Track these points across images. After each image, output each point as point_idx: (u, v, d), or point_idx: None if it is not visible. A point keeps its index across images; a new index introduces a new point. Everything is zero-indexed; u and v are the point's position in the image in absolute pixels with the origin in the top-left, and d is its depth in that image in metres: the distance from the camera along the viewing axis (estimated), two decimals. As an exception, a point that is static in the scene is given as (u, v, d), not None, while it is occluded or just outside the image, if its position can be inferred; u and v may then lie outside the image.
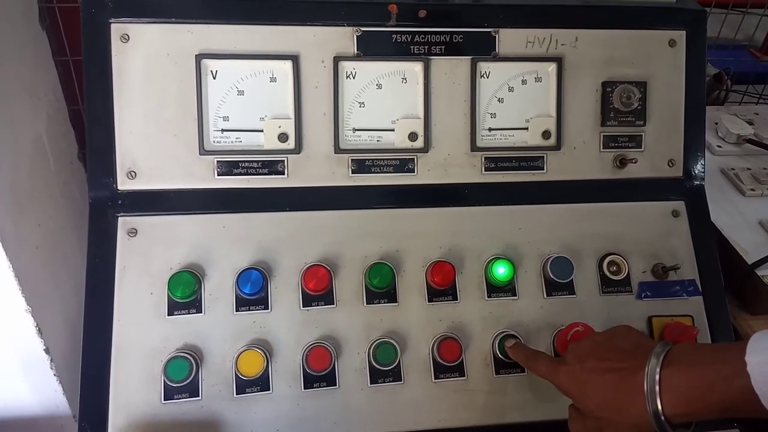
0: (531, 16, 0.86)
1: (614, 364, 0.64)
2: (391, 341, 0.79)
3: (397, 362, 0.79)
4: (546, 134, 0.88)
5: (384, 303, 0.81)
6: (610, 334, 0.70)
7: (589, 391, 0.65)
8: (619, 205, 0.89)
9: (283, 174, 0.83)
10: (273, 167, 0.83)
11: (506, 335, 0.81)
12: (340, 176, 0.84)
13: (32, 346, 0.79)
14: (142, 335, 0.77)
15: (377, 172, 0.85)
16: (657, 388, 0.58)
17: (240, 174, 0.82)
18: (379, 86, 0.84)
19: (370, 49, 0.83)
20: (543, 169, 0.88)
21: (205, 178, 0.81)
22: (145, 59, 0.79)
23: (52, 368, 0.82)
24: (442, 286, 0.82)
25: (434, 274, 0.81)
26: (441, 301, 0.82)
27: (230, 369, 0.77)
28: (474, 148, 0.86)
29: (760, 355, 0.53)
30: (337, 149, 0.84)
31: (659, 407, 0.58)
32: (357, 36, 0.83)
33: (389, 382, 0.79)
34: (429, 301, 0.82)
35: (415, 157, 0.85)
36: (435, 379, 0.80)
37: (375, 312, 0.81)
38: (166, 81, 0.80)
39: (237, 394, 0.77)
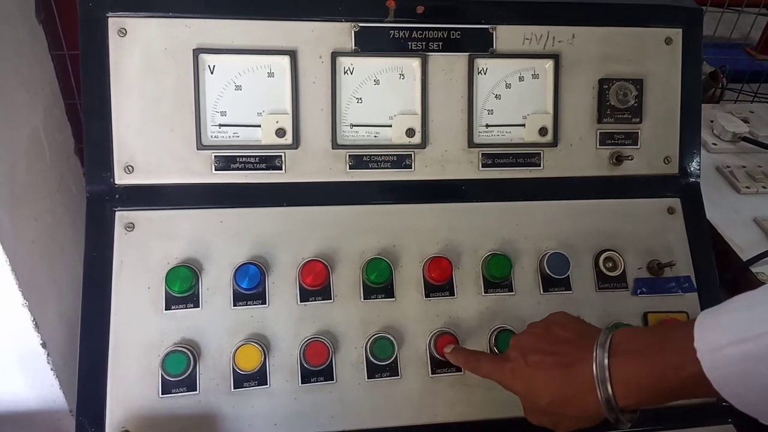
0: (528, 12, 0.87)
1: (560, 358, 0.62)
2: (389, 336, 0.79)
3: (394, 357, 0.79)
4: (543, 131, 0.88)
5: (381, 298, 0.82)
6: (549, 323, 0.68)
7: (538, 389, 0.63)
8: (615, 201, 0.90)
9: (281, 169, 0.83)
10: (270, 162, 0.83)
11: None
12: (338, 172, 0.84)
13: (29, 341, 0.79)
14: (140, 330, 0.77)
15: (374, 168, 0.85)
16: (608, 379, 0.57)
17: (237, 169, 0.82)
18: (377, 82, 0.84)
19: (368, 44, 0.83)
20: (540, 165, 0.88)
21: (202, 172, 0.81)
22: (142, 53, 0.79)
23: (48, 363, 0.81)
24: (439, 282, 0.82)
25: (431, 269, 0.82)
26: (438, 296, 0.83)
27: (228, 363, 0.77)
28: (471, 144, 0.86)
29: (709, 341, 0.52)
30: (335, 145, 0.84)
31: (612, 398, 0.57)
32: (355, 31, 0.83)
33: (386, 376, 0.80)
34: (426, 297, 0.83)
35: (412, 153, 0.86)
36: (432, 374, 0.81)
37: (372, 307, 0.81)
38: (164, 75, 0.80)
39: (234, 388, 0.77)
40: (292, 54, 0.82)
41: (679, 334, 0.55)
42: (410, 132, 0.85)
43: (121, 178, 0.80)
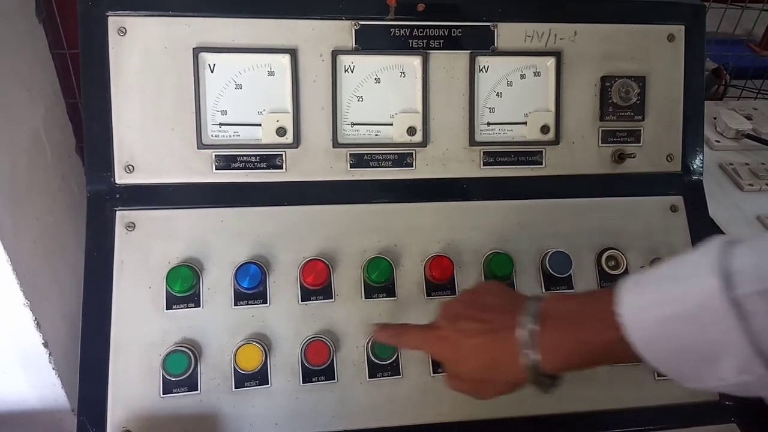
0: (530, 10, 0.86)
1: (487, 325, 0.62)
2: (390, 335, 0.79)
3: (395, 356, 0.79)
4: (544, 129, 0.88)
5: (382, 297, 0.81)
6: (479, 290, 0.68)
7: (464, 355, 0.63)
8: (618, 199, 0.89)
9: (282, 168, 0.83)
10: (271, 161, 0.83)
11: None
12: (339, 170, 0.84)
13: (31, 340, 0.79)
14: (141, 329, 0.77)
15: (375, 167, 0.85)
16: (534, 344, 0.57)
17: (238, 168, 0.82)
18: (378, 80, 0.84)
19: (369, 43, 0.83)
20: (541, 163, 0.88)
21: (203, 172, 0.81)
22: (142, 52, 0.79)
23: (50, 362, 0.82)
24: (440, 281, 0.82)
25: (432, 268, 0.81)
26: (440, 295, 0.82)
27: (229, 363, 0.77)
28: (472, 142, 0.86)
29: (630, 305, 0.52)
30: (336, 143, 0.83)
31: (537, 363, 0.57)
32: (355, 30, 0.83)
33: (388, 376, 0.79)
34: (427, 296, 0.82)
35: (413, 152, 0.85)
36: (433, 373, 0.80)
37: (373, 306, 0.81)
38: (164, 74, 0.79)
39: (236, 388, 0.77)
40: (293, 52, 0.81)
41: (603, 299, 0.55)
42: (411, 130, 0.85)
43: (121, 178, 0.80)
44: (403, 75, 0.84)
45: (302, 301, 0.80)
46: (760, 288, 0.45)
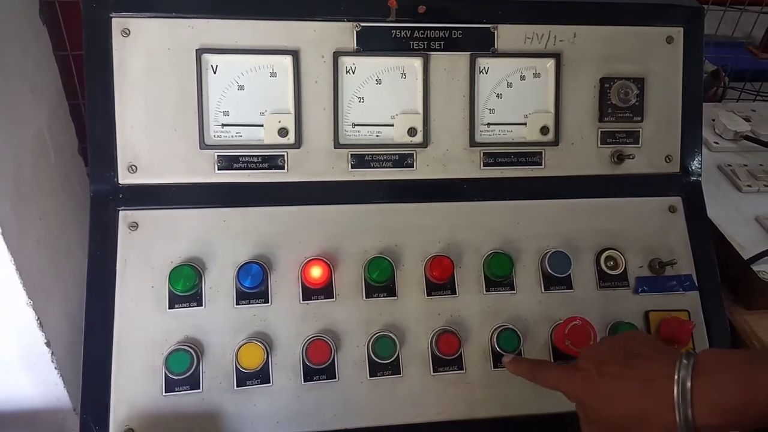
0: (529, 12, 0.87)
1: (638, 371, 0.60)
2: (390, 335, 0.79)
3: (396, 356, 0.79)
4: (544, 130, 0.88)
5: (383, 297, 0.82)
6: (627, 337, 0.67)
7: (611, 399, 0.60)
8: (617, 200, 0.90)
9: (283, 168, 0.83)
10: (273, 162, 0.83)
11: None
12: (340, 171, 0.85)
13: (33, 340, 0.80)
14: (144, 328, 0.77)
15: (376, 167, 0.85)
16: (689, 398, 0.55)
17: (240, 168, 0.82)
18: (379, 81, 0.85)
19: (370, 44, 0.83)
20: (541, 164, 0.88)
21: (205, 172, 0.82)
22: (145, 54, 0.79)
23: (53, 361, 0.82)
24: (440, 281, 0.83)
25: (433, 268, 0.82)
26: (440, 295, 0.83)
27: (231, 362, 0.77)
28: (473, 143, 0.87)
29: None
30: (337, 144, 0.84)
31: (690, 418, 0.54)
32: (357, 31, 0.83)
33: (388, 375, 0.80)
34: (428, 295, 0.83)
35: (414, 152, 0.86)
36: (434, 372, 0.81)
37: (374, 306, 0.82)
38: (167, 75, 0.80)
39: (237, 386, 0.77)
40: (295, 54, 0.82)
41: None
42: (412, 131, 0.86)
43: (124, 178, 0.81)
44: (403, 76, 0.85)
45: (303, 300, 0.81)
46: None
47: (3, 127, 0.76)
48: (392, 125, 0.85)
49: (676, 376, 0.56)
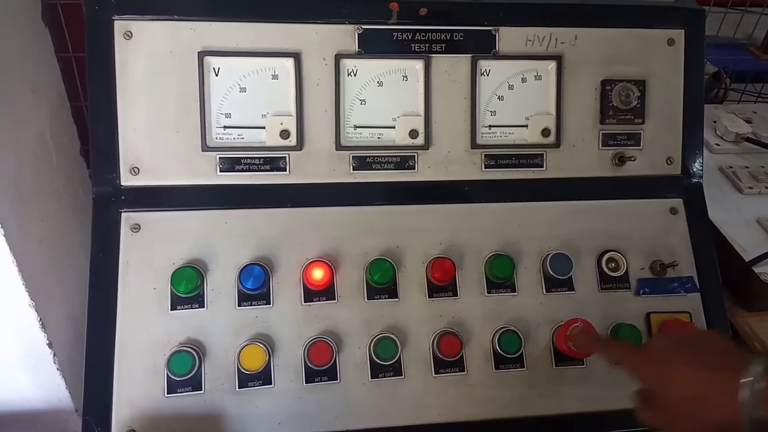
0: (531, 14, 0.87)
1: (709, 360, 0.60)
2: (392, 336, 0.79)
3: (397, 357, 0.79)
4: (545, 132, 0.88)
5: (384, 298, 0.82)
6: (701, 332, 0.68)
7: (677, 381, 0.61)
8: (618, 202, 0.90)
9: (285, 170, 0.83)
10: (275, 164, 0.83)
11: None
12: (341, 173, 0.85)
13: (35, 341, 0.80)
14: (146, 330, 0.78)
15: (378, 169, 0.85)
16: (760, 398, 0.55)
17: (242, 170, 0.83)
18: (380, 84, 0.85)
19: (372, 46, 0.84)
20: (542, 166, 0.88)
21: (207, 174, 0.82)
22: (148, 56, 0.80)
23: (55, 363, 0.82)
24: (442, 282, 0.83)
25: (434, 270, 0.82)
26: (441, 296, 0.83)
27: (233, 363, 0.78)
28: (474, 145, 0.87)
29: None
30: (339, 146, 0.84)
31: (759, 418, 0.54)
32: (358, 34, 0.83)
33: (390, 376, 0.80)
34: (429, 297, 0.83)
35: (415, 155, 0.86)
36: (435, 374, 0.81)
37: (376, 307, 0.82)
38: (169, 78, 0.80)
39: (239, 387, 0.77)
40: (296, 56, 0.82)
41: None
42: (413, 133, 0.86)
43: (127, 180, 0.81)
44: (405, 78, 0.85)
45: (305, 302, 0.81)
46: None
47: (4, 128, 0.76)
48: (394, 127, 0.86)
49: (749, 370, 0.56)
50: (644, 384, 0.65)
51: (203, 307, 0.79)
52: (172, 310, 0.78)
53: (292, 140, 0.83)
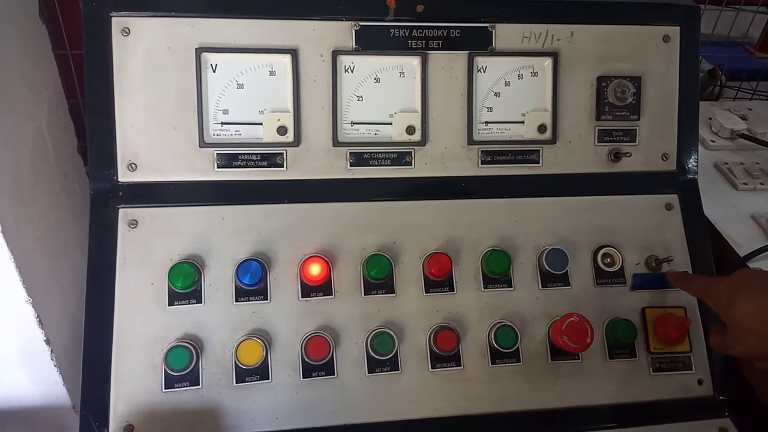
0: (527, 11, 0.87)
1: None
2: (389, 331, 0.80)
3: (394, 352, 0.80)
4: (542, 128, 0.89)
5: (382, 294, 0.82)
6: None
7: (745, 301, 0.68)
8: (614, 198, 0.90)
9: (282, 167, 0.84)
10: (272, 160, 0.83)
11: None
12: (339, 169, 0.85)
13: (33, 337, 0.80)
14: (143, 325, 0.78)
15: (375, 165, 0.86)
16: None
17: (239, 166, 0.83)
18: (377, 80, 0.85)
19: (369, 43, 0.84)
20: (539, 162, 0.89)
21: (205, 170, 0.82)
22: (145, 53, 0.80)
23: (52, 359, 0.82)
24: (438, 278, 0.83)
25: (431, 265, 0.82)
26: (438, 292, 0.83)
27: (230, 358, 0.78)
28: (471, 141, 0.87)
29: None
30: (336, 142, 0.85)
31: None
32: (355, 30, 0.84)
33: (387, 371, 0.80)
34: (426, 292, 0.83)
35: (412, 151, 0.86)
36: (432, 368, 0.81)
37: (373, 303, 0.82)
38: (167, 74, 0.80)
39: (237, 382, 0.78)
40: (294, 53, 0.82)
41: None
42: (410, 129, 0.86)
43: (124, 176, 0.81)
44: (402, 75, 0.86)
45: (302, 297, 0.81)
46: None
47: (2, 125, 0.76)
48: (391, 124, 0.86)
49: None
50: (717, 305, 0.72)
51: (201, 302, 0.79)
52: (169, 305, 0.79)
53: (290, 136, 0.83)
